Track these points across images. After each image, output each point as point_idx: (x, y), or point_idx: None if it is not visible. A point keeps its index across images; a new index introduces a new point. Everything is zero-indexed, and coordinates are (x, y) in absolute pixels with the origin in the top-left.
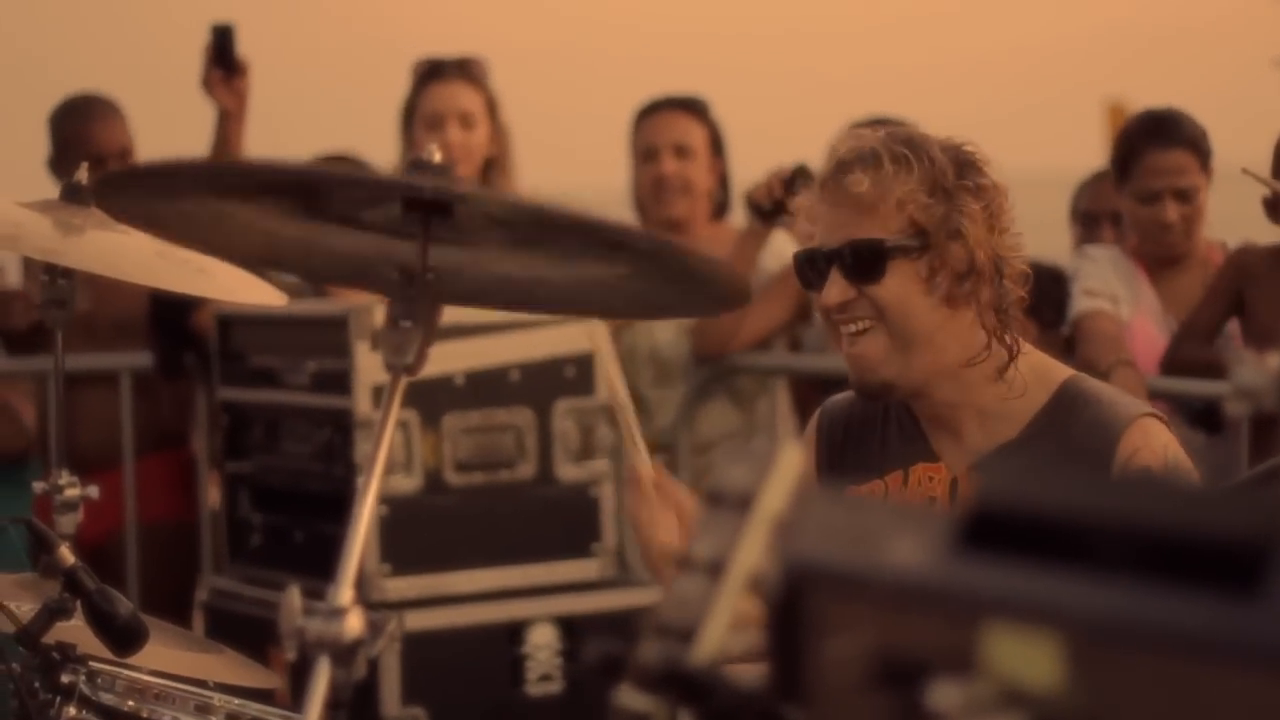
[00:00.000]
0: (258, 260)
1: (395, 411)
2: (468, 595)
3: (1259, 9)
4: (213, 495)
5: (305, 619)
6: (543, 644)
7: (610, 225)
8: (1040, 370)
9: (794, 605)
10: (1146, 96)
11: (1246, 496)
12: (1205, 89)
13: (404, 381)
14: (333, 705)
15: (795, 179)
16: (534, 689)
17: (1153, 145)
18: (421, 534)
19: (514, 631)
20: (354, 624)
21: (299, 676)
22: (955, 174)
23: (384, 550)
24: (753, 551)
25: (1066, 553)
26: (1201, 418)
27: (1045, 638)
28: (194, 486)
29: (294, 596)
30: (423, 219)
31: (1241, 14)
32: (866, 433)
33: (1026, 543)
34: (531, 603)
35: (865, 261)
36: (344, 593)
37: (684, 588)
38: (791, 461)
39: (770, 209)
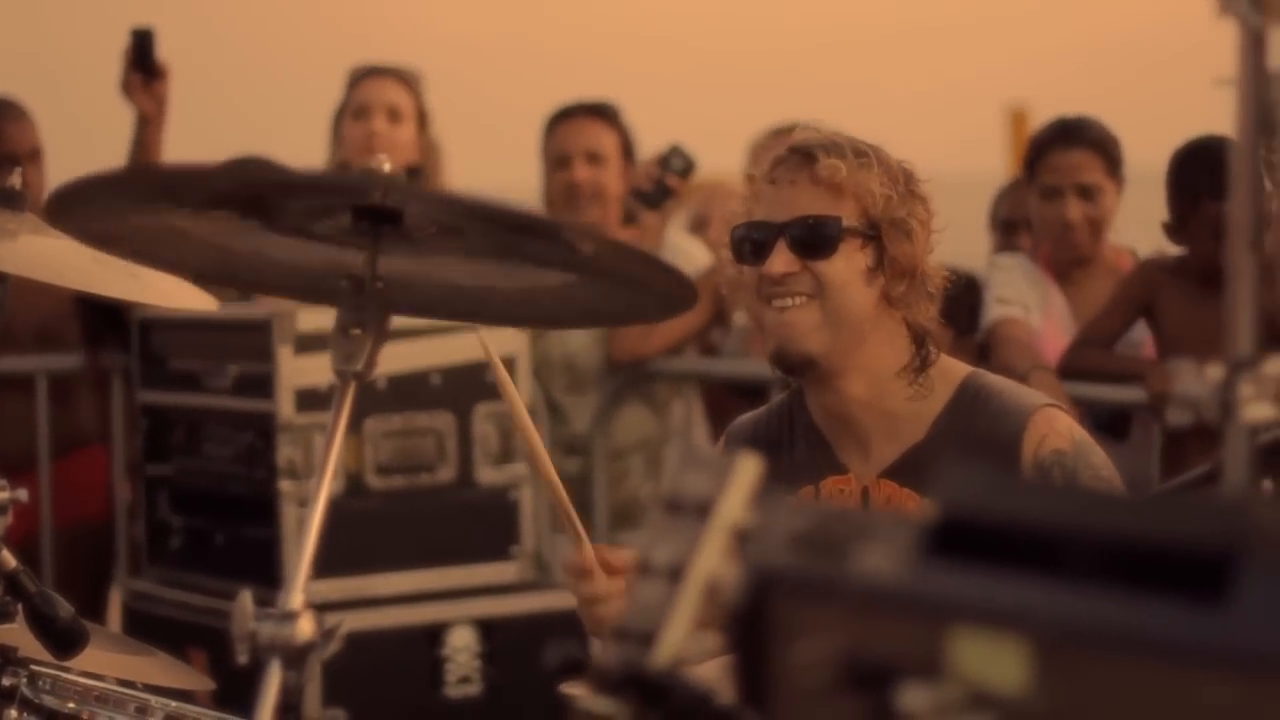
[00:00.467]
0: (211, 276)
1: (345, 418)
2: (388, 598)
3: (1198, 26)
4: (123, 497)
5: (257, 622)
6: (462, 646)
7: (558, 223)
8: (941, 371)
9: (760, 610)
10: (1083, 109)
11: (1212, 505)
12: (1142, 103)
13: (354, 388)
14: (284, 708)
15: (669, 157)
16: (453, 691)
17: (1057, 145)
18: (342, 537)
19: (433, 634)
20: (305, 627)
21: (224, 678)
22: (906, 181)
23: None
24: (711, 557)
25: (1033, 559)
26: (1107, 425)
27: (1012, 642)
28: (110, 489)
29: (246, 600)
30: (372, 227)
31: (1180, 30)
32: (773, 451)
33: (993, 549)
34: (451, 605)
35: (818, 236)
36: (295, 596)
37: (643, 593)
38: (749, 470)
39: (655, 192)
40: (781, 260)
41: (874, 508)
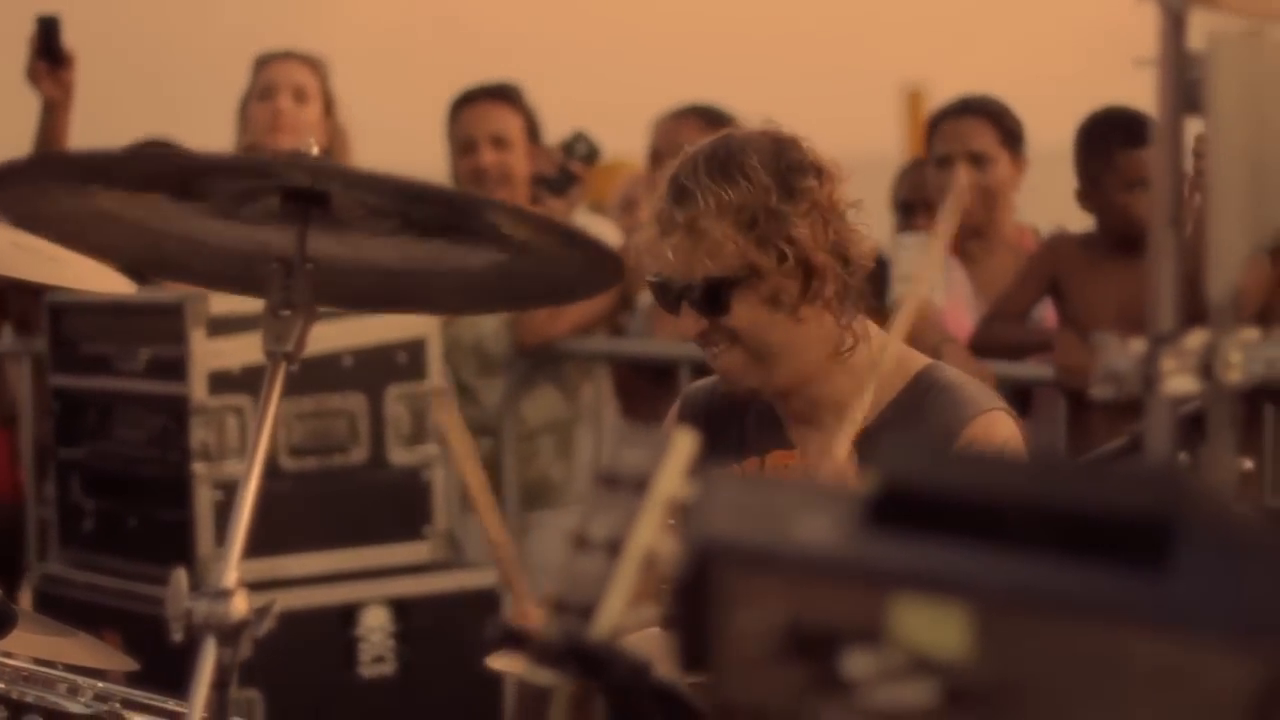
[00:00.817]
0: (143, 262)
1: (276, 398)
2: (302, 578)
3: (1121, 7)
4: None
5: (192, 600)
6: (376, 626)
7: (482, 200)
8: (897, 358)
9: (702, 580)
10: (1009, 87)
11: (1149, 473)
12: (1056, 86)
13: (283, 369)
14: (218, 685)
15: (573, 144)
16: (367, 670)
17: (951, 115)
18: (255, 518)
19: (347, 614)
20: (240, 605)
21: (138, 660)
22: (779, 189)
23: (219, 534)
24: (649, 530)
25: (973, 527)
26: (1009, 400)
27: (953, 608)
28: (20, 471)
29: (181, 578)
30: (300, 209)
31: (1093, 10)
32: (726, 420)
33: (933, 518)
34: (364, 585)
35: (710, 298)
36: (229, 575)
37: (582, 566)
38: (685, 445)
39: (559, 178)
40: (690, 322)
41: None
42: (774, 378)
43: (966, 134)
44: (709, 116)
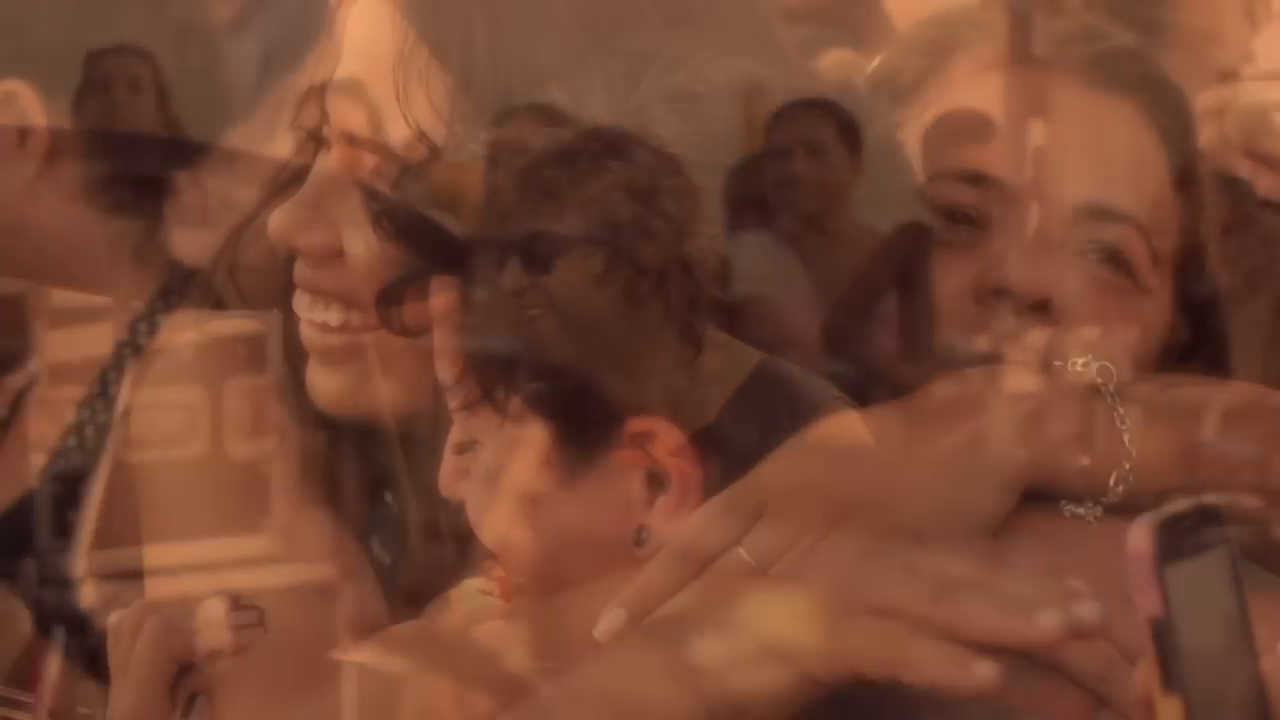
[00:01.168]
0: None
1: (126, 391)
2: (138, 571)
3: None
4: None
5: (41, 589)
6: (213, 619)
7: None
8: (732, 356)
9: (555, 568)
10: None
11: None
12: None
13: (133, 360)
14: (66, 675)
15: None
16: (204, 664)
17: (790, 107)
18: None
19: (185, 607)
20: (89, 595)
21: None
22: (653, 176)
23: (56, 527)
24: (502, 521)
25: (818, 513)
26: (850, 391)
27: (802, 596)
28: None
29: (30, 569)
30: (153, 197)
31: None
32: None
33: (780, 505)
34: (202, 578)
35: (537, 253)
36: (79, 564)
37: (433, 556)
38: (538, 437)
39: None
40: (511, 277)
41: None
42: (585, 354)
43: (805, 125)
44: (547, 115)
